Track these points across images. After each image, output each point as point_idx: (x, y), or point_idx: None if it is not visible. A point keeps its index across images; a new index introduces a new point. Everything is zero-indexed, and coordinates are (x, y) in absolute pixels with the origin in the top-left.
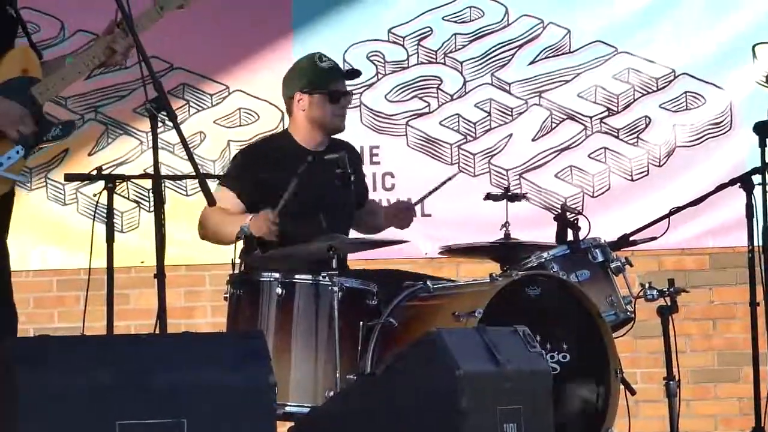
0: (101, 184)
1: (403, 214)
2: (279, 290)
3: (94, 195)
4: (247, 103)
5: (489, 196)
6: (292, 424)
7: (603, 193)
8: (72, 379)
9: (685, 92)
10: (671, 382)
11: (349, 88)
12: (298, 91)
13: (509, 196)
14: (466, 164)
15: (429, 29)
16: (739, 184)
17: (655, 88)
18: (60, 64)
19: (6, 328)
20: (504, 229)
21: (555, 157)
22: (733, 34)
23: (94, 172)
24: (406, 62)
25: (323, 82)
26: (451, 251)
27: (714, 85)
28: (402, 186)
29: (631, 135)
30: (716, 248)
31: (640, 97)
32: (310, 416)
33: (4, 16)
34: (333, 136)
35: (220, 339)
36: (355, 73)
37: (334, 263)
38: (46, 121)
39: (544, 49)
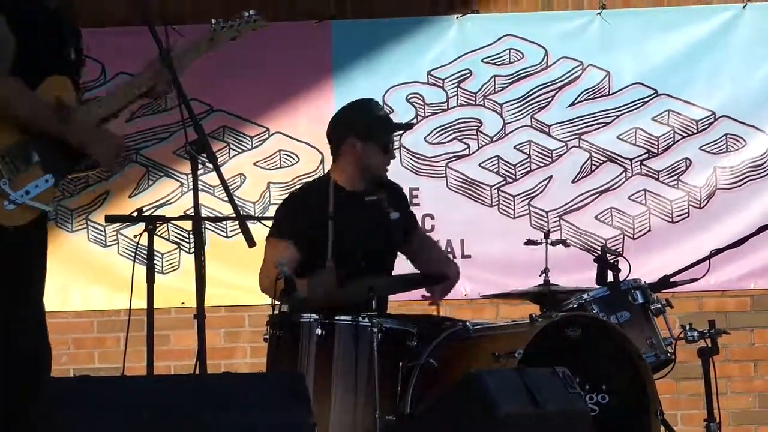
0: (142, 225)
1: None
2: (319, 331)
3: (135, 236)
4: (287, 145)
5: (529, 242)
6: None
7: (643, 234)
8: (112, 421)
9: (726, 134)
10: (712, 424)
11: None
12: (353, 136)
13: (549, 242)
14: (506, 206)
15: (468, 71)
16: None
17: (695, 131)
18: None
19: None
20: (544, 275)
21: (595, 199)
22: None
23: (135, 214)
24: (446, 104)
25: (380, 131)
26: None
27: (754, 127)
28: (442, 228)
29: (671, 177)
30: (757, 290)
31: (680, 140)
32: None
33: (60, 58)
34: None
35: (261, 380)
36: (408, 126)
37: (374, 304)
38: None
39: (584, 91)
